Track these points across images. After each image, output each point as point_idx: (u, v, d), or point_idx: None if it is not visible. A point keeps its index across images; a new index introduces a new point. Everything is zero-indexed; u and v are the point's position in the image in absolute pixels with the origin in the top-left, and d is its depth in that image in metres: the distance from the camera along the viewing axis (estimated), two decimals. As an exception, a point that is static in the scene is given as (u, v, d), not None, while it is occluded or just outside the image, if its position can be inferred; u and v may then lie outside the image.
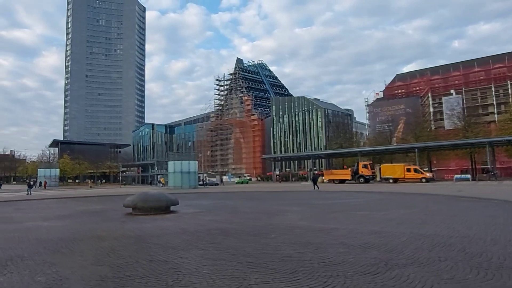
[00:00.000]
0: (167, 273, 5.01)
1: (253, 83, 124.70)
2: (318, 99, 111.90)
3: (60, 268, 5.44)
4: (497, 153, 54.87)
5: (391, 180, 46.16)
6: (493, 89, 76.76)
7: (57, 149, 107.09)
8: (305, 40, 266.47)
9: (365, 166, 49.87)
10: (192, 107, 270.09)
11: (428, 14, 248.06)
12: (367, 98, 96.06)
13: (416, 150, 51.91)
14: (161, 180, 60.84)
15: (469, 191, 22.38)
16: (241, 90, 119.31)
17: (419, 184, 38.55)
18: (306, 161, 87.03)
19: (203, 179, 58.89)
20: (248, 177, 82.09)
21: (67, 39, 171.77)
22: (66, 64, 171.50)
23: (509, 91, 73.68)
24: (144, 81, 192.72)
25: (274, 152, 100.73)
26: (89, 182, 71.47)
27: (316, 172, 61.57)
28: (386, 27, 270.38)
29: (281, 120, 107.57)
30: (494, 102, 76.15)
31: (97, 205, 19.28)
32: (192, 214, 13.75)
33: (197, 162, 53.73)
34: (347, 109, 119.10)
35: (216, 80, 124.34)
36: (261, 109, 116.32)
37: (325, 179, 53.93)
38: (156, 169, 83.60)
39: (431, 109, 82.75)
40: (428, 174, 46.37)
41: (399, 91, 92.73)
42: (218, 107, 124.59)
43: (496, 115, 72.69)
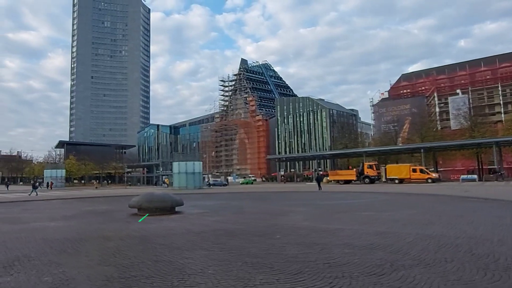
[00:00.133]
0: (173, 274, 5.02)
1: (258, 84, 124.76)
2: (323, 99, 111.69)
3: (67, 268, 5.47)
4: (504, 153, 54.41)
5: (397, 181, 45.85)
6: (500, 89, 76.13)
7: (63, 150, 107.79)
8: (310, 40, 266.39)
9: (370, 167, 49.66)
10: (197, 108, 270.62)
11: (434, 14, 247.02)
12: (372, 98, 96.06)
13: (422, 151, 51.61)
14: (166, 181, 61.04)
15: (476, 192, 22.20)
16: (246, 91, 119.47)
17: (425, 185, 38.24)
18: (311, 162, 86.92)
19: (208, 180, 58.93)
20: (253, 178, 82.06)
21: (73, 41, 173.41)
22: (72, 66, 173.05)
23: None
24: (149, 82, 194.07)
25: (279, 153, 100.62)
26: (95, 183, 72.04)
27: (321, 173, 61.43)
28: (391, 27, 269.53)
29: (286, 121, 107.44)
30: (501, 102, 75.56)
31: (103, 206, 19.37)
32: (197, 215, 13.77)
33: (202, 163, 53.84)
34: (352, 109, 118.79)
35: (221, 81, 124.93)
36: (266, 110, 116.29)
37: (330, 179, 53.81)
38: (161, 170, 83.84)
39: (437, 109, 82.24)
40: (434, 175, 45.98)
41: (405, 91, 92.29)
42: (223, 108, 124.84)
43: (503, 115, 72.11)
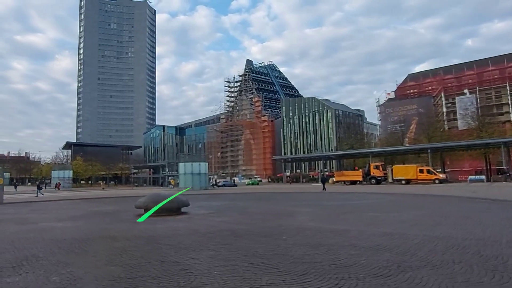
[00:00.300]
0: (179, 274, 5.05)
1: (263, 84, 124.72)
2: (329, 100, 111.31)
3: (74, 268, 5.53)
4: (513, 154, 53.72)
5: (404, 182, 45.48)
6: (508, 88, 75.13)
7: (70, 151, 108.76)
8: (315, 41, 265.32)
9: (377, 167, 49.35)
10: (203, 109, 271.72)
11: (440, 13, 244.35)
12: (379, 99, 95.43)
13: (429, 151, 51.13)
14: (171, 182, 61.25)
15: (484, 193, 21.98)
16: (251, 92, 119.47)
17: (432, 186, 37.92)
18: (317, 162, 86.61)
19: (213, 181, 59.06)
20: (259, 178, 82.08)
21: (80, 43, 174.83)
22: (79, 67, 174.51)
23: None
24: (155, 83, 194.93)
25: (285, 153, 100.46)
26: (102, 184, 72.57)
27: (327, 174, 61.22)
28: (397, 26, 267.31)
29: (291, 121, 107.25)
30: (509, 101, 74.60)
31: (110, 206, 19.52)
32: (203, 215, 13.82)
33: (208, 164, 53.99)
34: (358, 110, 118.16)
35: (226, 82, 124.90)
36: (271, 110, 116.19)
37: (336, 180, 53.59)
38: (167, 171, 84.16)
39: (444, 109, 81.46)
40: (442, 175, 45.51)
41: (411, 91, 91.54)
42: (228, 109, 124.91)
43: (511, 115, 71.22)
